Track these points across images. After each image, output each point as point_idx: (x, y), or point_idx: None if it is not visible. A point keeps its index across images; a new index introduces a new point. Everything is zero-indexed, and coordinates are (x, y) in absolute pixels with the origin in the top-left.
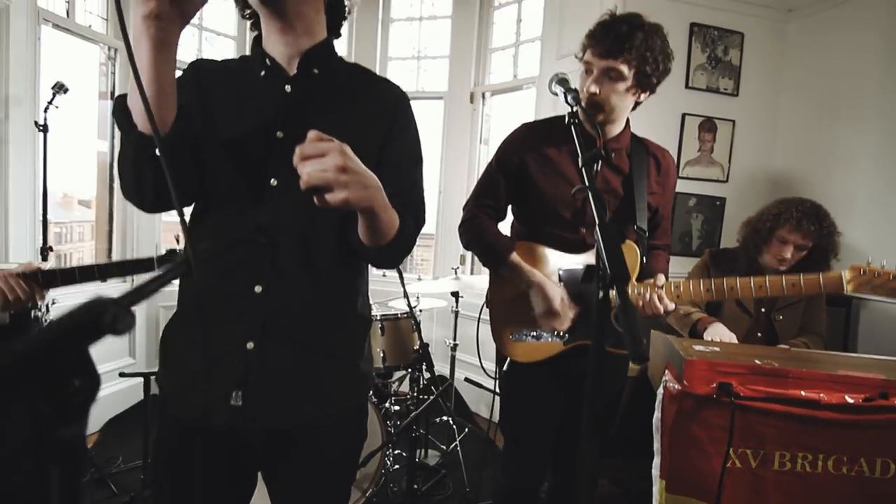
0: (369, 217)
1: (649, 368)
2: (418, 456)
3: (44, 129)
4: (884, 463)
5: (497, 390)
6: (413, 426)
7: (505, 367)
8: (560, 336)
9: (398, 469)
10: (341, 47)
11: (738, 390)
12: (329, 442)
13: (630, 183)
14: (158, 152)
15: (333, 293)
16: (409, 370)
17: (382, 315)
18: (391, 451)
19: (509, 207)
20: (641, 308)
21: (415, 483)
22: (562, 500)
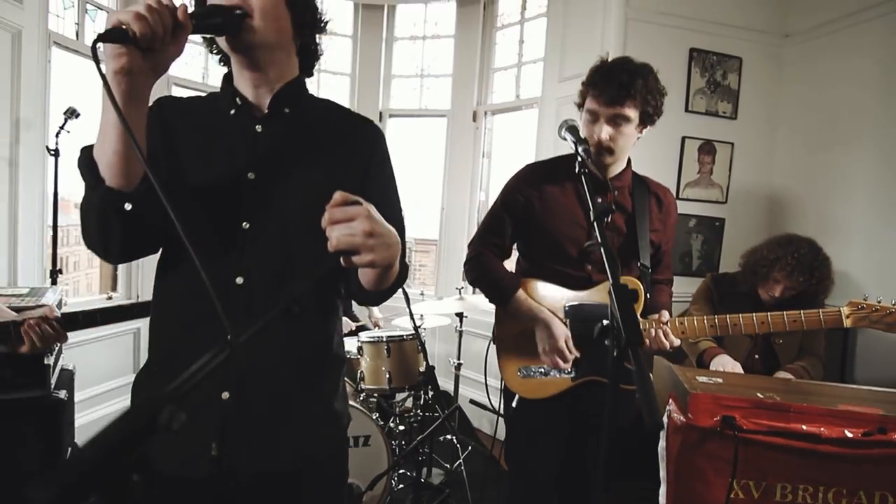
0: (384, 270)
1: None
2: (423, 475)
3: (55, 154)
4: (882, 496)
5: (500, 410)
6: (420, 448)
7: (514, 404)
8: (567, 373)
9: (403, 488)
10: (345, 64)
11: (741, 423)
12: (311, 483)
13: (633, 221)
14: (129, 206)
15: (309, 336)
16: (415, 392)
17: (388, 337)
18: (396, 471)
19: (513, 244)
20: (648, 344)
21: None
22: None
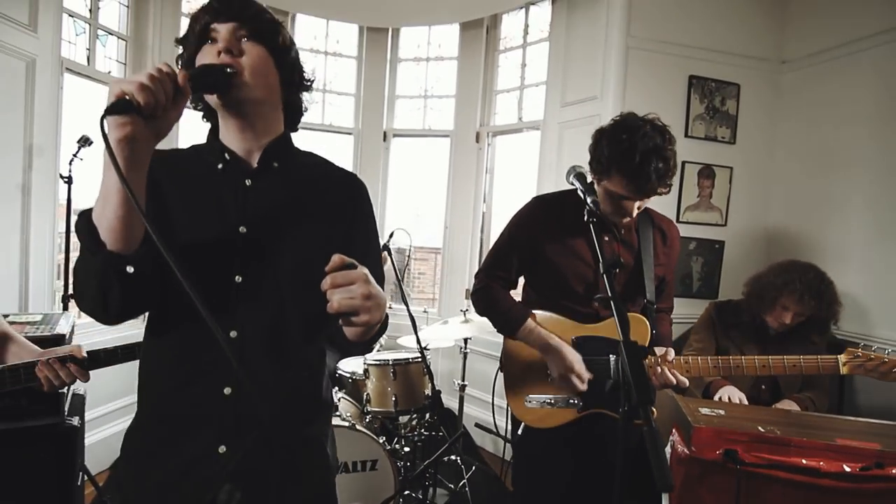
0: (371, 326)
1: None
2: (428, 497)
3: (68, 181)
4: None
5: (507, 435)
6: (426, 473)
7: (520, 432)
8: (574, 404)
9: None
10: (350, 85)
11: (743, 457)
12: None
13: (639, 257)
14: (130, 269)
15: (301, 384)
16: (421, 416)
17: (394, 360)
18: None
19: (519, 277)
20: (654, 380)
21: None
22: None
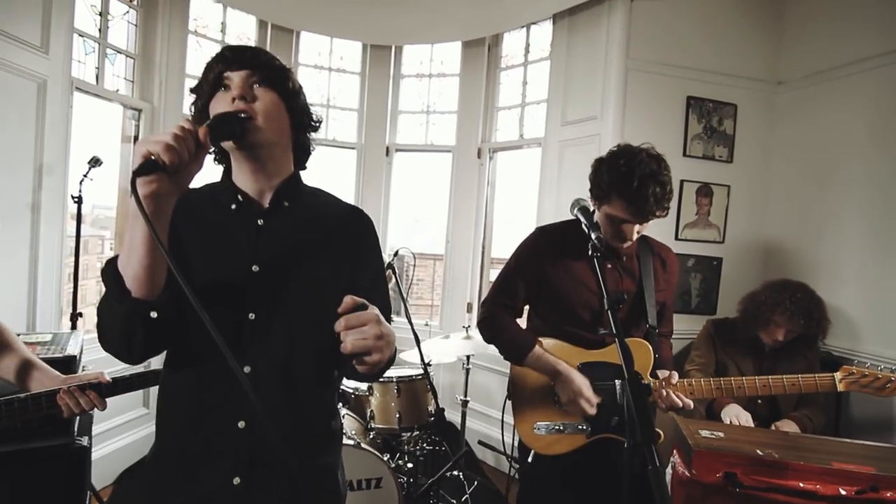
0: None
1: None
2: None
3: (78, 201)
4: None
5: (511, 453)
6: (430, 492)
7: (529, 459)
8: (583, 430)
9: None
10: (354, 100)
11: (743, 480)
12: None
13: (640, 284)
14: (154, 314)
15: (313, 416)
16: (424, 432)
17: (398, 377)
18: None
19: (525, 305)
20: (658, 403)
21: None
22: None
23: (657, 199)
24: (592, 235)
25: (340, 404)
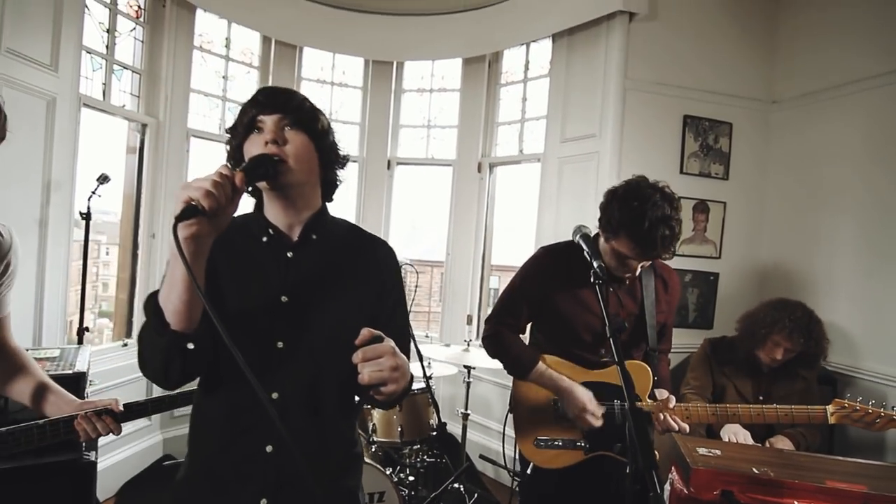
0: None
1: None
2: None
3: (87, 217)
4: None
5: (512, 468)
6: None
7: (529, 471)
8: (581, 446)
9: None
10: (356, 114)
11: (739, 497)
12: None
13: (642, 305)
14: (191, 346)
15: (337, 440)
16: (425, 445)
17: None
18: None
19: (528, 324)
20: (657, 426)
21: None
22: None
23: (665, 244)
24: (595, 264)
25: None
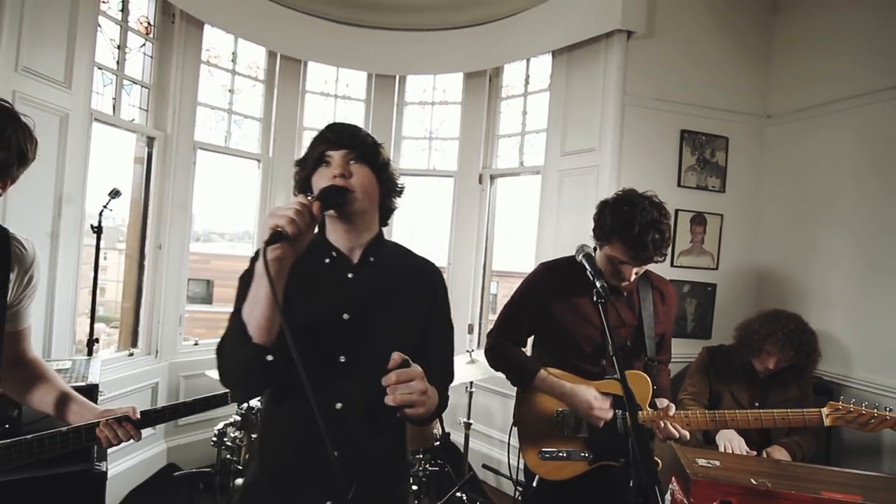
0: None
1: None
2: None
3: (98, 231)
4: None
5: (515, 477)
6: None
7: (535, 484)
8: (584, 457)
9: None
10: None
11: None
12: None
13: (640, 317)
14: (270, 358)
15: (393, 448)
16: (428, 454)
17: None
18: None
19: (529, 337)
20: (658, 433)
21: None
22: None
23: (656, 246)
24: (597, 283)
25: None
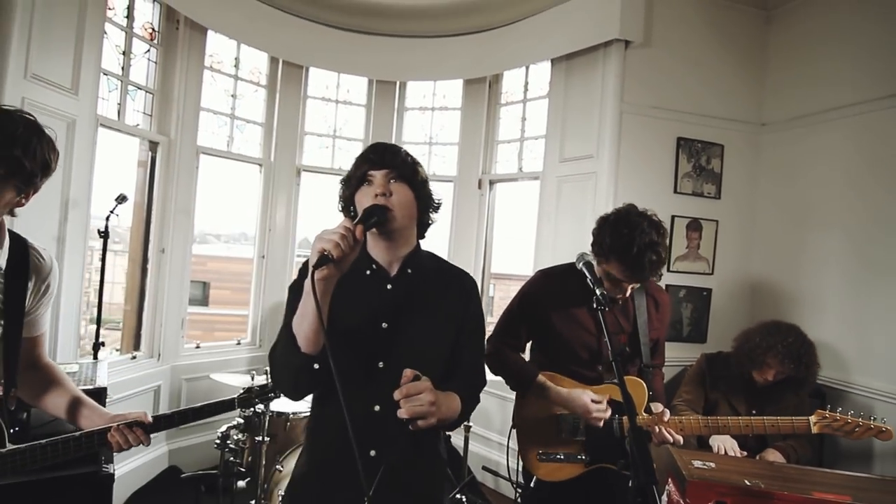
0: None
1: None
2: None
3: (105, 236)
4: None
5: (515, 479)
6: None
7: (532, 485)
8: (581, 459)
9: None
10: (359, 131)
11: None
12: None
13: (635, 324)
14: (316, 366)
15: (428, 447)
16: None
17: None
18: None
19: (528, 343)
20: (653, 438)
21: None
22: None
23: (653, 267)
24: (597, 291)
25: None
